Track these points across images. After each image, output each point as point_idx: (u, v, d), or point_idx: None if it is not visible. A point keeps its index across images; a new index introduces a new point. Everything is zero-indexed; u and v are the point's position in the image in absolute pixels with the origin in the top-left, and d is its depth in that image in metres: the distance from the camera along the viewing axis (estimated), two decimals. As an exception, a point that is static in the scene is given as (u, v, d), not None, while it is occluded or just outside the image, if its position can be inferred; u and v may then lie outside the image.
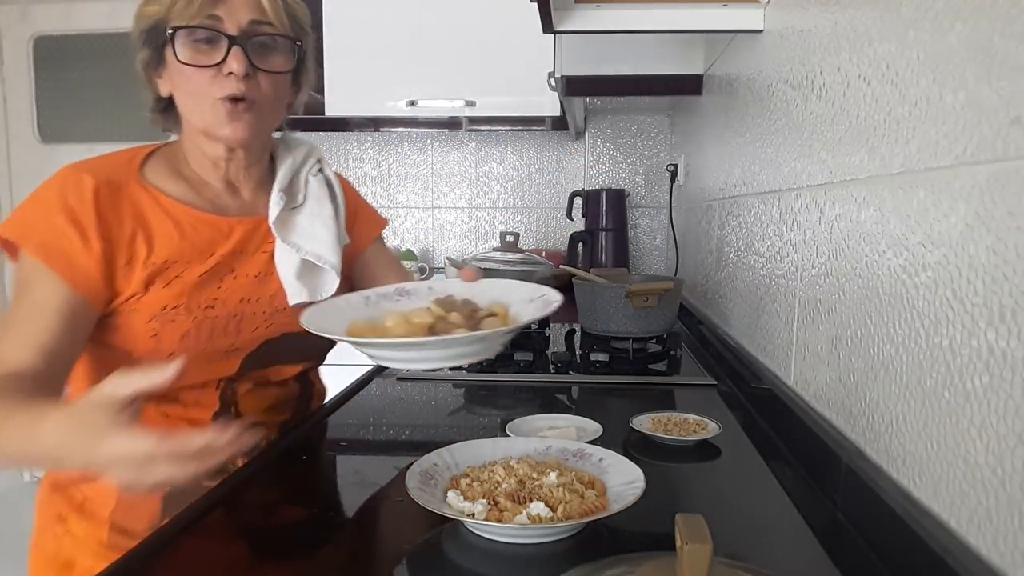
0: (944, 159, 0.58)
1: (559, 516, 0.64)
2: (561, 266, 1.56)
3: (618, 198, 2.41)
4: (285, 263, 0.90)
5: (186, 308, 0.83)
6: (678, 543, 0.49)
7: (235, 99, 0.81)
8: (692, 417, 0.97)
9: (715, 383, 1.22)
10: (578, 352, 1.47)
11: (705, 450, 0.90)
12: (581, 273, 1.39)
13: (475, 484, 0.69)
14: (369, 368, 1.34)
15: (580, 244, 2.20)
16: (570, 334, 1.69)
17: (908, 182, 0.64)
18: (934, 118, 0.59)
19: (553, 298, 0.75)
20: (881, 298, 0.69)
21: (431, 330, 0.73)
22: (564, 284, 1.61)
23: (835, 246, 0.82)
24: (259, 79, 0.83)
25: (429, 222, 3.05)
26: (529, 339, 1.55)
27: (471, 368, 1.38)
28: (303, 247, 0.91)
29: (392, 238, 3.07)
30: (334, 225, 0.95)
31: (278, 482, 0.84)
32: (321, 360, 1.03)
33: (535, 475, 0.70)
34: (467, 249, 3.03)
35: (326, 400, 1.08)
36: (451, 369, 1.38)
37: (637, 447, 0.90)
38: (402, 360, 0.71)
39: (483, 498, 0.66)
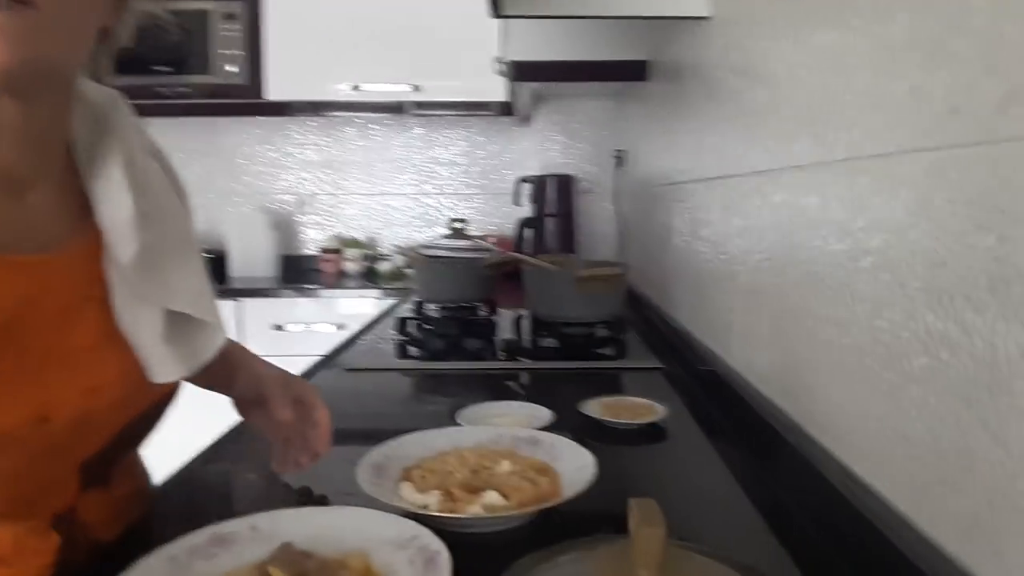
0: (887, 146, 0.59)
1: (513, 504, 0.63)
2: (510, 252, 1.56)
3: (565, 184, 2.42)
4: (142, 322, 0.56)
5: (7, 437, 0.48)
6: (632, 526, 0.49)
7: None
8: (640, 400, 0.98)
9: (662, 366, 1.24)
10: (528, 338, 1.47)
11: (653, 433, 0.91)
12: (530, 259, 1.39)
13: (428, 475, 0.68)
14: (315, 359, 1.31)
15: (528, 230, 2.20)
16: (517, 319, 1.69)
17: (851, 169, 0.65)
18: (877, 106, 0.61)
19: (434, 547, 0.54)
20: (824, 282, 0.70)
21: None
22: (513, 271, 1.61)
23: (779, 232, 0.83)
24: None
25: (375, 209, 3.00)
26: (479, 326, 1.54)
27: (420, 356, 1.36)
28: (172, 294, 0.57)
29: (337, 225, 3.01)
30: (198, 246, 0.64)
31: (219, 491, 0.82)
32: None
33: (488, 464, 0.70)
34: (413, 236, 3.00)
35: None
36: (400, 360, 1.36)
37: (588, 432, 0.91)
38: None
39: (436, 489, 0.65)
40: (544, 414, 0.92)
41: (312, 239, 3.01)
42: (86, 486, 0.58)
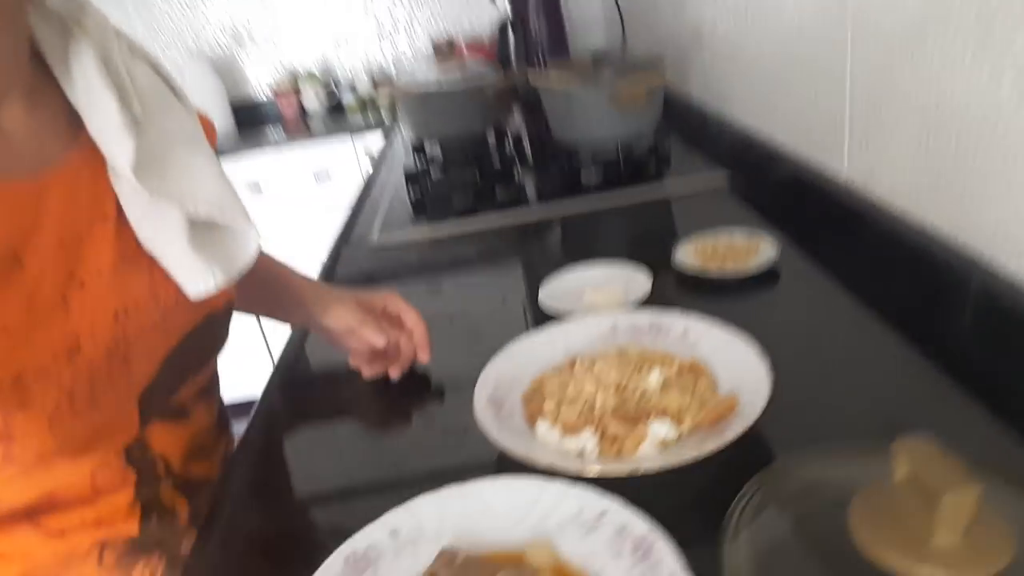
0: None
1: (687, 431, 0.52)
2: (518, 74, 1.32)
3: (543, -34, 2.06)
4: (163, 233, 0.52)
5: (39, 373, 0.46)
6: (904, 474, 0.38)
7: None
8: (738, 237, 0.84)
9: (726, 180, 1.09)
10: (558, 171, 1.28)
11: (765, 278, 0.78)
12: (548, 78, 1.17)
13: (565, 407, 0.56)
14: (310, 227, 1.15)
15: (510, 31, 1.90)
16: (517, 144, 1.49)
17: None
18: None
19: (639, 530, 0.42)
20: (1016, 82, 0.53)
21: None
22: (511, 91, 1.39)
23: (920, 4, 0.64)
24: None
25: (321, 28, 2.62)
26: (497, 167, 1.36)
27: (445, 214, 1.19)
28: (187, 197, 0.52)
29: (284, 56, 2.65)
30: (207, 145, 0.58)
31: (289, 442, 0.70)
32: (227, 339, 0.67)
33: (632, 378, 0.57)
34: (372, 52, 2.65)
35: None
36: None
37: (696, 290, 0.78)
38: None
39: (585, 425, 0.54)
40: (640, 279, 0.78)
41: (261, 79, 2.66)
42: (149, 418, 0.56)
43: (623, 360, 0.60)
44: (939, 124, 0.65)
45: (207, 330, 0.60)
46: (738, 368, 0.56)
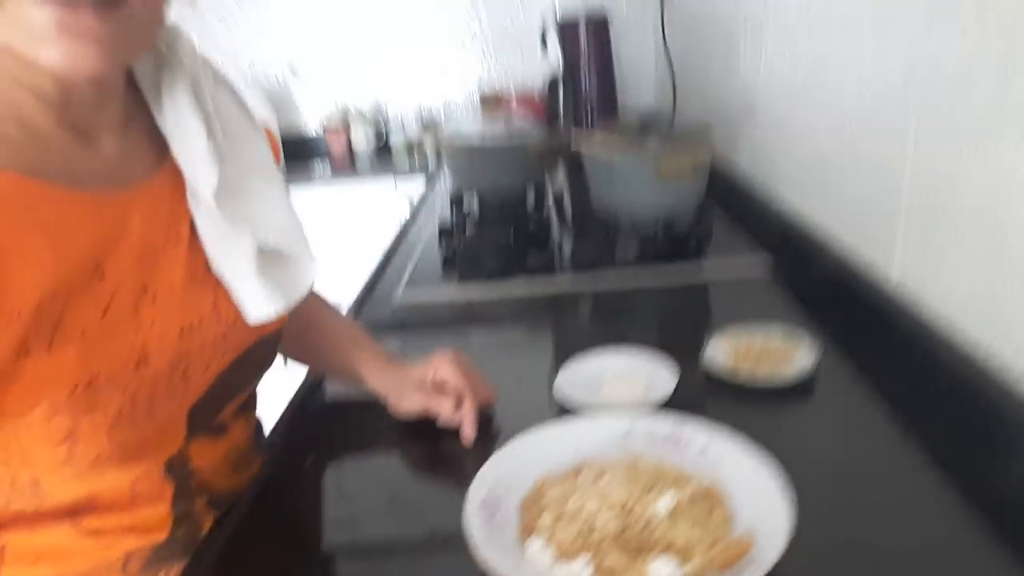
0: None
1: (691, 572, 0.46)
2: (575, 144, 1.29)
3: (600, 27, 2.06)
4: (236, 257, 0.55)
5: (110, 379, 0.48)
6: None
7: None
8: (776, 337, 0.78)
9: (769, 266, 1.04)
10: (598, 238, 1.25)
11: (800, 390, 0.72)
12: (595, 148, 1.14)
13: (562, 524, 0.51)
14: (353, 300, 1.12)
15: (560, 88, 1.90)
16: (558, 203, 1.46)
17: None
18: None
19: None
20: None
21: None
22: (556, 150, 1.37)
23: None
24: None
25: (370, 71, 2.64)
26: (533, 229, 1.33)
27: (479, 277, 1.16)
28: (260, 228, 0.56)
29: (334, 93, 2.67)
30: (280, 176, 0.61)
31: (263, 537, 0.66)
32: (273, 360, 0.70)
33: (640, 500, 0.52)
34: (425, 101, 2.67)
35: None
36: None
37: (723, 395, 0.73)
38: None
39: (581, 549, 0.49)
40: (665, 377, 0.73)
41: (310, 113, 2.70)
42: (194, 432, 0.57)
43: (633, 475, 0.55)
44: (1005, 232, 0.59)
45: (258, 351, 0.62)
46: (759, 502, 0.51)
